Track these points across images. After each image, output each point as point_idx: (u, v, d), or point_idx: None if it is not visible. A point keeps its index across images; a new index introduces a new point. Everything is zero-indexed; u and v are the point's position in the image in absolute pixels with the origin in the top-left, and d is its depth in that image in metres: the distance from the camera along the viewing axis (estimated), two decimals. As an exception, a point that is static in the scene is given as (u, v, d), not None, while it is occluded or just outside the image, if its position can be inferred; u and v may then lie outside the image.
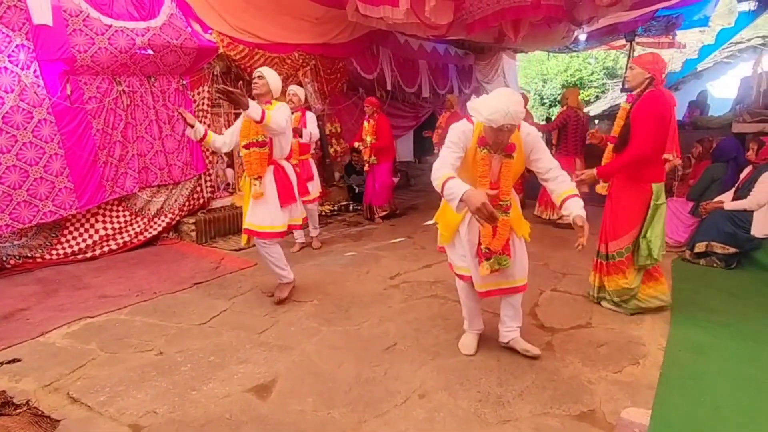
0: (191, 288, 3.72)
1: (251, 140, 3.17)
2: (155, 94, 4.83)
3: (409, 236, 5.34)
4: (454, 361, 2.60)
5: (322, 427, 2.07)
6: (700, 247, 4.18)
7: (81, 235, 4.48)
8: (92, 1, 4.17)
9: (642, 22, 7.51)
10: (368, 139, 5.74)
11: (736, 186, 4.31)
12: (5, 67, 3.79)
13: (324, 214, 6.26)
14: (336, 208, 6.66)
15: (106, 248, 4.58)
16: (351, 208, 6.76)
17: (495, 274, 2.41)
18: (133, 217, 4.84)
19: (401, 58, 7.93)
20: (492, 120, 2.09)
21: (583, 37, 7.95)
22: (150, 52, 4.55)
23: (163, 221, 5.03)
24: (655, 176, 3.02)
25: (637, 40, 8.20)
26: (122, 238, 4.72)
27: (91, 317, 3.15)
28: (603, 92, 14.49)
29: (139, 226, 4.85)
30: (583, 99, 12.81)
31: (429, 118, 9.36)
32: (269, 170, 3.23)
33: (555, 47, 9.28)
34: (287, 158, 3.38)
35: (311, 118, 4.74)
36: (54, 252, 4.31)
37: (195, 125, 3.18)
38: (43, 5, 3.82)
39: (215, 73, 5.38)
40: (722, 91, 10.49)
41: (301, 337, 2.91)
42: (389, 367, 2.55)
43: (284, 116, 3.08)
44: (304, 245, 4.88)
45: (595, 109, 12.34)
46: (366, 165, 5.91)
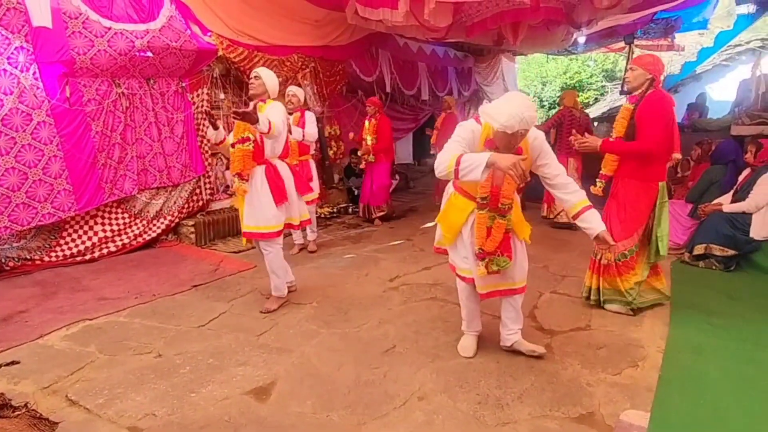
0: (190, 290, 3.72)
1: (237, 137, 3.16)
2: (154, 96, 4.83)
3: (409, 238, 5.34)
4: (453, 364, 2.60)
5: (321, 429, 2.07)
6: (699, 249, 4.19)
7: (80, 237, 4.47)
8: (92, 4, 4.17)
9: (641, 24, 7.52)
10: (368, 138, 5.75)
11: (735, 188, 4.33)
12: (4, 70, 3.78)
13: (323, 216, 6.26)
14: (335, 210, 6.66)
15: (105, 250, 4.57)
16: (350, 210, 6.75)
17: (495, 276, 2.42)
18: (132, 219, 4.83)
19: (400, 61, 7.93)
20: (507, 126, 2.10)
21: (582, 39, 7.96)
22: (149, 54, 4.55)
23: (162, 223, 5.02)
24: (661, 175, 3.12)
25: (636, 42, 8.21)
26: (121, 240, 4.71)
27: (90, 319, 3.15)
28: (602, 95, 14.50)
29: (138, 228, 4.85)
30: (583, 101, 12.85)
31: (428, 120, 9.36)
32: (260, 169, 3.17)
33: (554, 50, 9.30)
34: (282, 157, 3.35)
35: (310, 119, 4.72)
36: (53, 254, 4.30)
37: (219, 128, 3.22)
38: (43, 7, 3.82)
39: (214, 75, 5.38)
40: (721, 93, 10.52)
41: (300, 339, 2.90)
42: (388, 369, 2.55)
43: (281, 117, 3.07)
44: (303, 247, 4.88)
45: (594, 111, 12.34)
46: (363, 163, 5.89)
